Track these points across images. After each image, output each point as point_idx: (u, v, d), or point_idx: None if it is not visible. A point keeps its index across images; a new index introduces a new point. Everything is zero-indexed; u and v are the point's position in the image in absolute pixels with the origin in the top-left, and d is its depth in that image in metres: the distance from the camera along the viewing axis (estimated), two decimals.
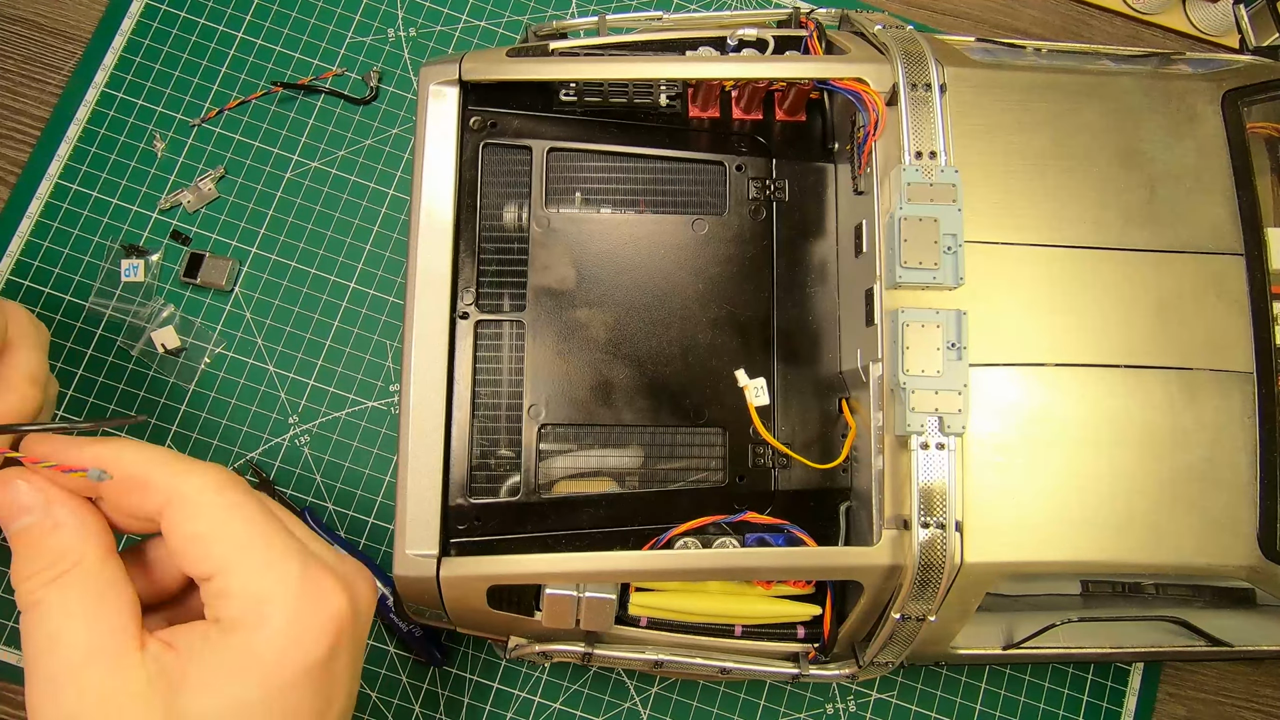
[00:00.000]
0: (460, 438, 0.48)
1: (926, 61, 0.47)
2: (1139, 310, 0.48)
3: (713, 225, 0.53)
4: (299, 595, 0.34)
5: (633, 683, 0.60)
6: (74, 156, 0.63)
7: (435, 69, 0.50)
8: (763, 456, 0.51)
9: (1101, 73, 0.51)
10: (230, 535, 0.34)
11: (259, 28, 0.66)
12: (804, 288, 0.53)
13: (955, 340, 0.44)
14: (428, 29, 0.67)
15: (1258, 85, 0.51)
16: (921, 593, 0.44)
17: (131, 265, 0.62)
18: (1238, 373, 0.48)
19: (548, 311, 0.51)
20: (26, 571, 0.34)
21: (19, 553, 0.34)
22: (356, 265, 0.63)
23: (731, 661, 0.49)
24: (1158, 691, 0.62)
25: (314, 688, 0.34)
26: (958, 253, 0.44)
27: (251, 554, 0.34)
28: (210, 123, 0.65)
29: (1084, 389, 0.47)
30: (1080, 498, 0.46)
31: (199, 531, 0.34)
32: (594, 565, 0.45)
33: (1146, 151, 0.49)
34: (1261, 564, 0.46)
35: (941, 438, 0.43)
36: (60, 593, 0.34)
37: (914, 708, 0.61)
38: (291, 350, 0.62)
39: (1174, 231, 0.49)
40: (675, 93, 0.52)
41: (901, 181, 0.45)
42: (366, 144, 0.65)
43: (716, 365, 0.51)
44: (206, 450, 0.61)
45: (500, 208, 0.52)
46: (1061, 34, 0.71)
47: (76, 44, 0.65)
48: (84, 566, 0.34)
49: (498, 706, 0.59)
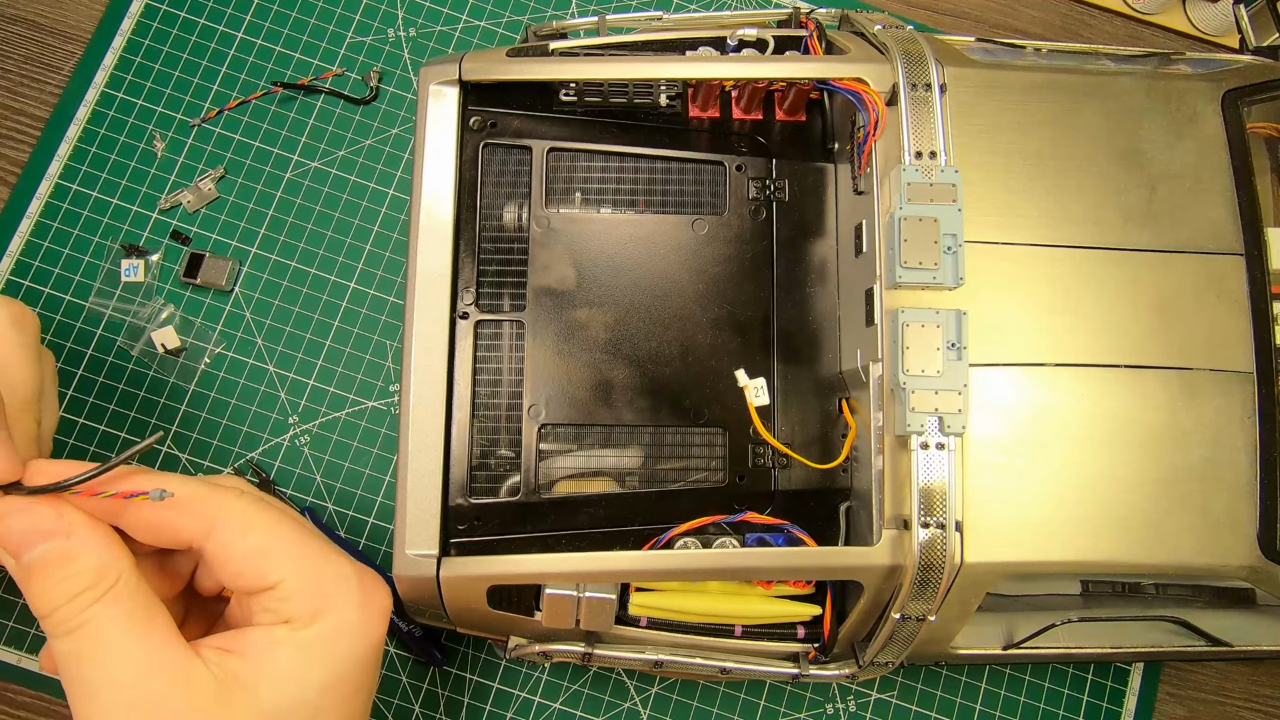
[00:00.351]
0: (460, 438, 0.48)
1: (926, 61, 0.47)
2: (1139, 310, 0.48)
3: (713, 225, 0.53)
4: (359, 587, 0.38)
5: (633, 683, 0.60)
6: (74, 156, 0.63)
7: (435, 69, 0.50)
8: (763, 456, 0.51)
9: (1101, 73, 0.51)
10: (288, 544, 0.37)
11: (259, 28, 0.66)
12: (804, 288, 0.53)
13: (955, 340, 0.44)
14: (428, 29, 0.67)
15: (1258, 85, 0.51)
16: (921, 593, 0.44)
17: (131, 265, 0.62)
18: (1238, 373, 0.48)
19: (548, 311, 0.51)
20: (63, 595, 0.33)
21: (44, 578, 0.34)
22: (356, 265, 0.63)
23: (731, 661, 0.49)
24: (1158, 691, 0.62)
25: (375, 665, 0.39)
26: (958, 253, 0.44)
27: (309, 557, 0.38)
28: (210, 123, 0.65)
29: (1084, 389, 0.47)
30: (1080, 498, 0.46)
31: (258, 545, 0.37)
32: (594, 565, 0.45)
33: (1146, 151, 0.49)
34: (1261, 564, 0.46)
35: (941, 438, 0.43)
36: (110, 609, 0.34)
37: (914, 708, 0.61)
38: (291, 350, 0.62)
39: (1174, 231, 0.49)
40: (675, 93, 0.52)
41: (901, 181, 0.45)
42: (366, 144, 0.65)
43: (716, 365, 0.51)
44: (206, 450, 0.61)
45: (500, 208, 0.52)
46: (1061, 34, 0.71)
47: (76, 44, 0.65)
48: (126, 581, 0.34)
49: (498, 706, 0.59)
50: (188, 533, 0.36)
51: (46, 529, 0.34)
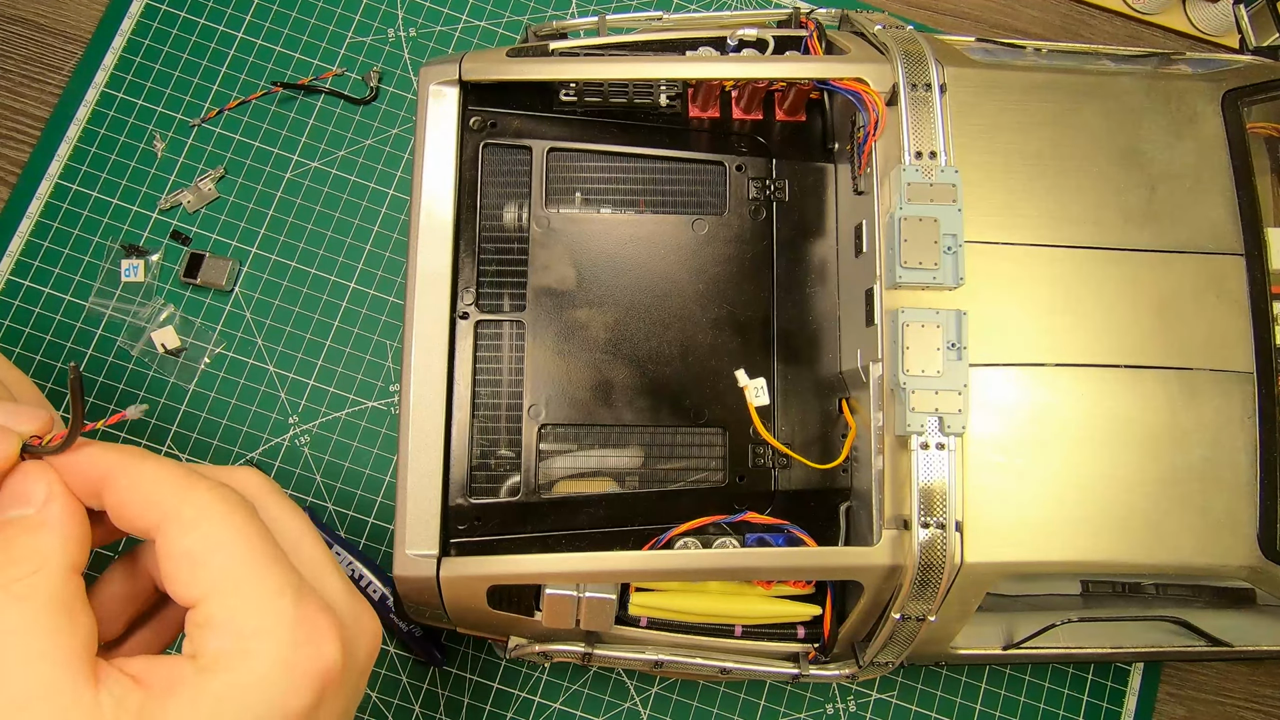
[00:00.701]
0: (460, 438, 0.48)
1: (926, 61, 0.47)
2: (1139, 310, 0.48)
3: (713, 225, 0.53)
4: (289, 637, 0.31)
5: (633, 683, 0.60)
6: (74, 156, 0.63)
7: (435, 69, 0.50)
8: (763, 456, 0.51)
9: (1101, 73, 0.51)
10: (223, 559, 0.31)
11: (259, 28, 0.66)
12: (804, 288, 0.53)
13: (955, 340, 0.44)
14: (428, 29, 0.67)
15: (1258, 85, 0.51)
16: (921, 593, 0.44)
17: (131, 265, 0.62)
18: (1238, 373, 0.48)
19: (548, 311, 0.51)
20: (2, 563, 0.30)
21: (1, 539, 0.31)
22: (356, 265, 0.63)
23: (731, 661, 0.49)
24: (1158, 691, 0.62)
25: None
26: (958, 253, 0.44)
27: (244, 583, 0.31)
28: (210, 123, 0.65)
29: (1084, 389, 0.47)
30: (1080, 498, 0.46)
31: (189, 549, 0.31)
32: (594, 565, 0.45)
33: (1146, 151, 0.49)
34: (1261, 564, 0.46)
35: (941, 438, 0.43)
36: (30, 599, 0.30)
37: (914, 708, 0.61)
38: (291, 350, 0.62)
39: (1174, 231, 0.49)
40: (675, 93, 0.52)
41: (901, 181, 0.45)
42: (366, 144, 0.65)
43: (716, 365, 0.51)
44: (206, 450, 0.61)
45: (500, 208, 0.52)
46: (1061, 34, 0.71)
47: (76, 44, 0.65)
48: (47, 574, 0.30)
49: (498, 706, 0.59)
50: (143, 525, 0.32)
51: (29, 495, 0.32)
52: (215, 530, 0.31)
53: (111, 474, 0.32)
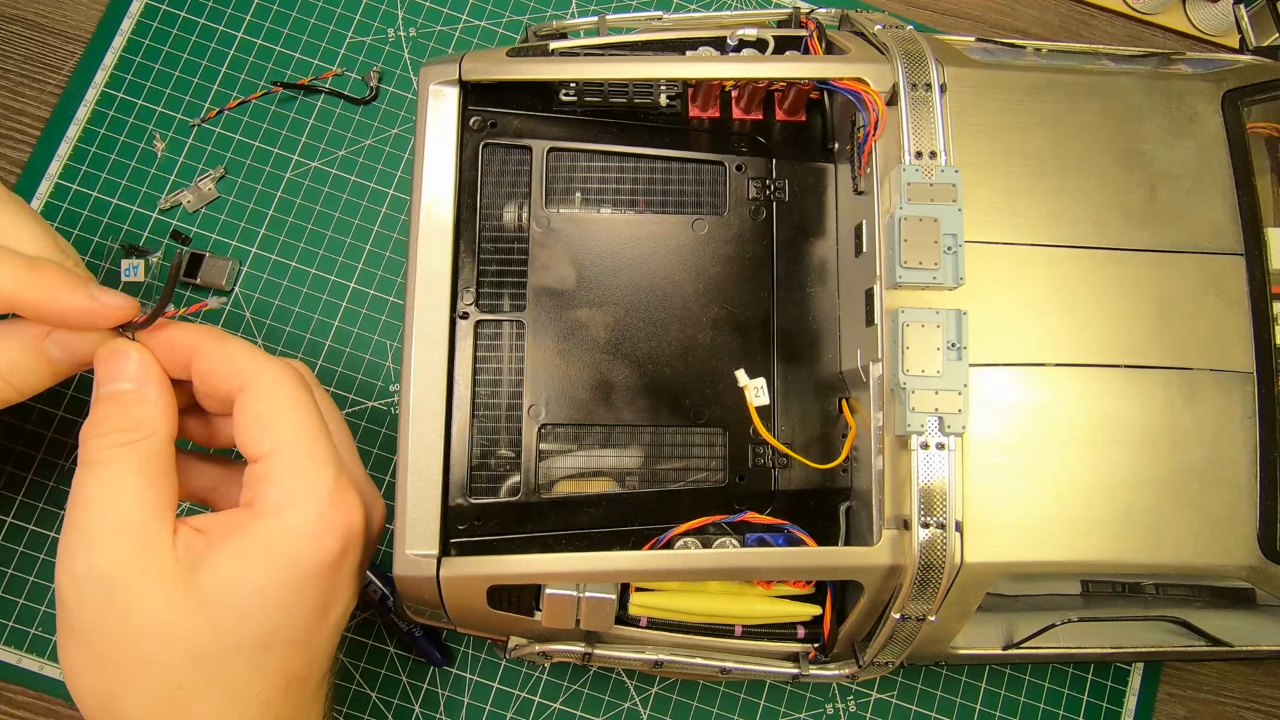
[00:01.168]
0: (460, 438, 0.48)
1: (926, 61, 0.47)
2: (1139, 310, 0.48)
3: (713, 225, 0.53)
4: (327, 497, 0.38)
5: (633, 683, 0.60)
6: (74, 156, 0.63)
7: (435, 69, 0.50)
8: (763, 456, 0.51)
9: (1101, 73, 0.51)
10: (287, 424, 0.38)
11: (259, 28, 0.66)
12: (804, 288, 0.53)
13: (955, 340, 0.44)
14: (428, 29, 0.67)
15: (1258, 85, 0.51)
16: (921, 593, 0.44)
17: (131, 265, 0.62)
18: (1238, 373, 0.48)
19: (548, 311, 0.51)
20: (103, 429, 0.37)
21: (102, 412, 0.38)
22: (356, 265, 0.63)
23: (731, 661, 0.49)
24: (1158, 691, 0.62)
25: (321, 585, 0.38)
26: (958, 253, 0.44)
27: (300, 447, 0.38)
28: (210, 123, 0.65)
29: (1084, 389, 0.47)
30: (1080, 498, 0.46)
31: (263, 412, 0.38)
32: (594, 565, 0.45)
33: (1146, 151, 0.49)
34: (1261, 564, 0.46)
35: (941, 438, 0.43)
36: (126, 457, 0.37)
37: (914, 708, 0.61)
38: (291, 350, 0.62)
39: (1174, 231, 0.49)
40: (675, 93, 0.52)
41: (901, 181, 0.45)
42: (366, 144, 0.65)
43: (716, 365, 0.51)
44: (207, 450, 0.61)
45: (500, 208, 0.52)
46: (1061, 34, 0.71)
47: (76, 44, 0.65)
48: (154, 442, 0.37)
49: (498, 706, 0.59)
50: (226, 390, 0.39)
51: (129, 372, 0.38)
52: (285, 399, 0.38)
53: (204, 346, 0.39)
